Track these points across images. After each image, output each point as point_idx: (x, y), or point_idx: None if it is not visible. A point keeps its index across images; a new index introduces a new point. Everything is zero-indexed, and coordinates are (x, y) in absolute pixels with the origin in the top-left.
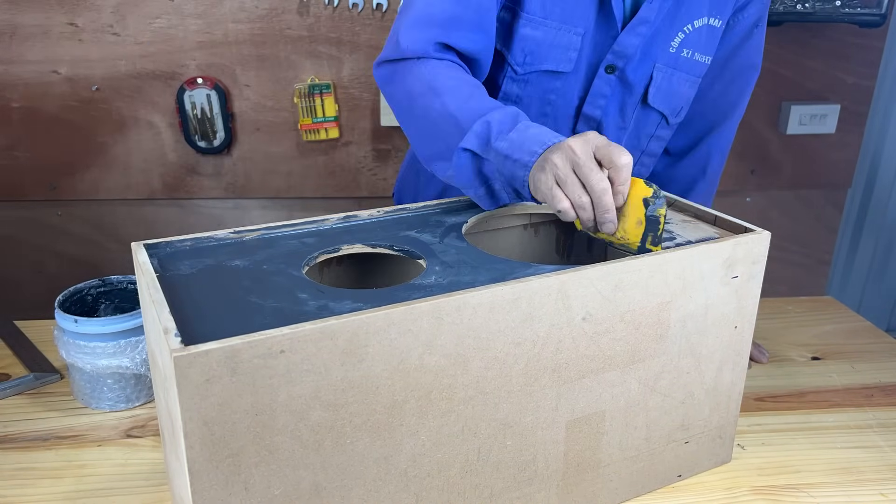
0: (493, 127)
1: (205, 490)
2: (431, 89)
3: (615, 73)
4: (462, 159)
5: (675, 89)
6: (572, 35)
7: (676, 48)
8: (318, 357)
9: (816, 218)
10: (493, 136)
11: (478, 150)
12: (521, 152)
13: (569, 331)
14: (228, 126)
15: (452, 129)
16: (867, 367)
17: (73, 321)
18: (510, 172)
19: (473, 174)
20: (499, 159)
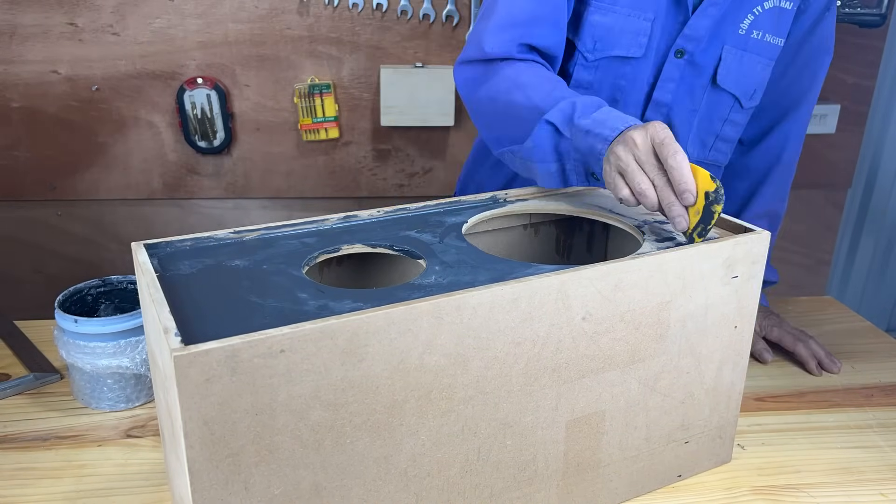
0: (578, 107)
1: (205, 489)
2: (517, 86)
3: (684, 56)
4: (543, 131)
5: (746, 71)
6: (642, 21)
7: (746, 30)
8: (318, 357)
9: (816, 218)
10: (576, 115)
11: (560, 124)
12: (603, 128)
13: (569, 330)
14: (228, 126)
15: (536, 116)
16: (867, 367)
17: (73, 321)
18: (588, 147)
19: (550, 148)
20: (579, 135)
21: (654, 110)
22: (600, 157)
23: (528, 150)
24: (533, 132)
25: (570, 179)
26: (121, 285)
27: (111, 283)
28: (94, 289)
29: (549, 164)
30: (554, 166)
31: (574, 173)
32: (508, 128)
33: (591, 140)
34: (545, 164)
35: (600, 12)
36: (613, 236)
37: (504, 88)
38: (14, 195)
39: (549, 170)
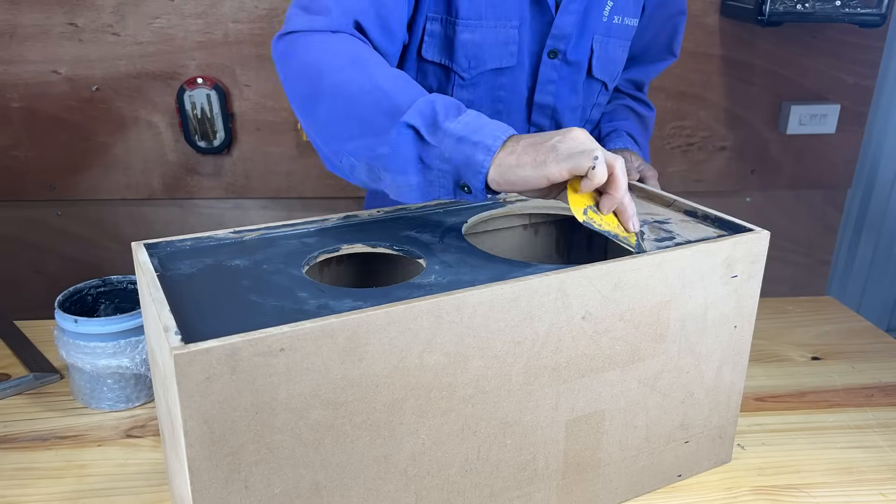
0: (439, 108)
1: (205, 488)
2: (354, 62)
3: (558, 56)
4: (403, 137)
5: (612, 56)
6: (509, 29)
7: (608, 16)
8: (318, 355)
9: (816, 218)
10: (440, 117)
11: (423, 129)
12: (482, 135)
13: (568, 330)
14: (228, 126)
15: (382, 104)
16: (867, 367)
17: (73, 321)
18: (465, 157)
19: (412, 157)
20: (450, 142)
21: (539, 113)
22: (481, 169)
23: (382, 157)
24: (390, 137)
25: (433, 193)
26: (121, 285)
27: (111, 283)
28: (94, 289)
29: (408, 175)
30: (415, 179)
31: (438, 184)
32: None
33: (466, 149)
34: (404, 175)
35: (468, 30)
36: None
37: (337, 65)
38: (14, 195)
39: (408, 182)
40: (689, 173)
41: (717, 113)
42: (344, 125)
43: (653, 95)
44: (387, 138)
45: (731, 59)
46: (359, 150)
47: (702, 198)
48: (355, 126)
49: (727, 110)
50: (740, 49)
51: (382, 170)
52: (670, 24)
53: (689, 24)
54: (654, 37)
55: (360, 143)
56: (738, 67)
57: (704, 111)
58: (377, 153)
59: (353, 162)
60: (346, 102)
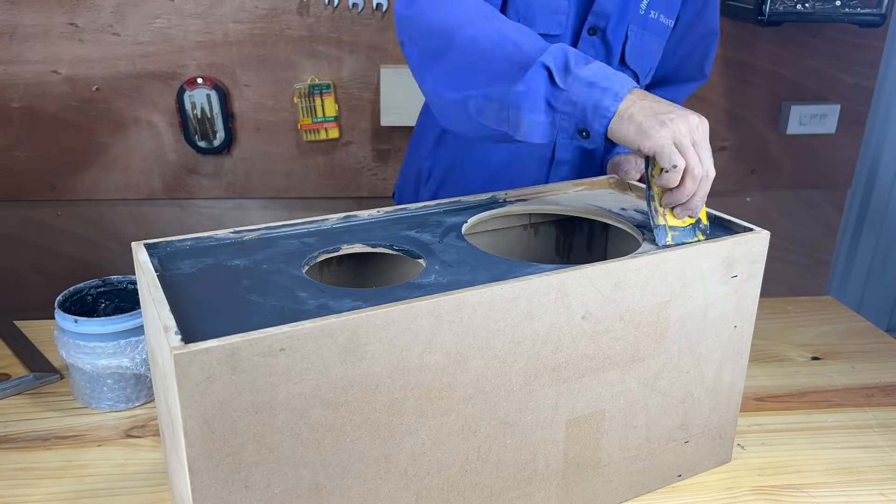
0: (570, 55)
1: (205, 488)
2: (483, 17)
3: (597, 34)
4: (538, 76)
5: (646, 49)
6: None
7: (645, 9)
8: (318, 355)
9: (816, 218)
10: (571, 63)
11: (556, 72)
12: (611, 82)
13: (568, 330)
14: (228, 126)
15: (513, 55)
16: (867, 367)
17: (73, 321)
18: (594, 101)
19: (541, 97)
20: (579, 86)
21: None
22: (607, 113)
23: (516, 95)
24: (526, 76)
25: (553, 134)
26: (121, 285)
27: (111, 283)
28: (94, 289)
29: (538, 114)
30: (543, 117)
31: (560, 129)
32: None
33: (595, 94)
34: (535, 114)
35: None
36: (613, 236)
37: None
38: (14, 195)
39: (537, 121)
40: None
41: (717, 113)
42: (476, 74)
43: None
44: (523, 77)
45: (731, 59)
46: (492, 92)
47: None
48: (488, 74)
49: (727, 110)
50: (740, 49)
51: (514, 107)
52: (703, 45)
53: None
54: (685, 56)
55: (493, 87)
56: (738, 67)
57: (704, 111)
58: (512, 90)
59: (481, 104)
60: (480, 53)
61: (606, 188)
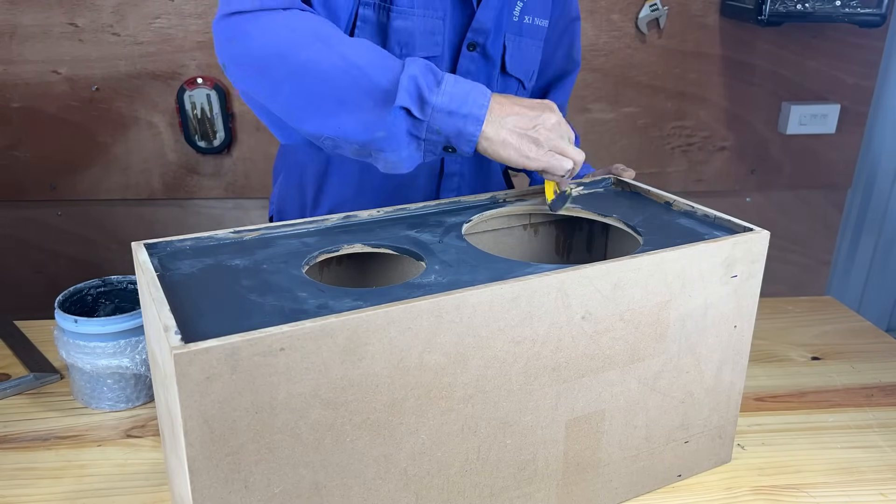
0: (421, 82)
1: (205, 488)
2: (319, 39)
3: (477, 49)
4: (397, 118)
5: (525, 55)
6: (436, 20)
7: (518, 16)
8: (318, 355)
9: (816, 218)
10: (425, 93)
11: (414, 109)
12: (469, 106)
13: (568, 330)
14: (228, 126)
15: (360, 83)
16: (867, 367)
17: (73, 321)
18: (457, 129)
19: (404, 133)
20: (439, 116)
21: None
22: (472, 139)
23: (378, 140)
24: (385, 122)
25: (418, 159)
26: (121, 285)
27: (111, 283)
28: (94, 289)
29: (401, 150)
30: (405, 152)
31: (427, 153)
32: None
33: (457, 122)
34: (397, 152)
35: (402, 17)
36: (613, 236)
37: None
38: (14, 195)
39: (401, 157)
40: (689, 173)
41: (717, 113)
42: (320, 105)
43: (653, 95)
44: (381, 123)
45: (731, 59)
46: (348, 132)
47: (702, 198)
48: (335, 106)
49: (727, 110)
50: (740, 49)
51: (376, 151)
52: (568, 33)
53: (689, 24)
54: (555, 49)
55: (344, 124)
56: (738, 67)
57: (704, 111)
58: (373, 136)
59: (338, 143)
60: (319, 82)
61: (606, 188)
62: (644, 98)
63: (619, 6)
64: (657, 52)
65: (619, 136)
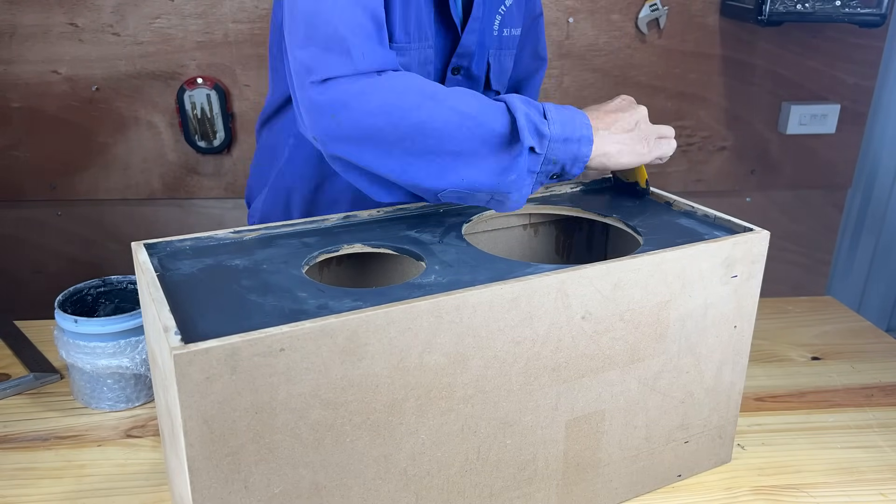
0: (533, 117)
1: (205, 488)
2: (427, 97)
3: (461, 72)
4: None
5: (504, 67)
6: (427, 49)
7: (497, 30)
8: (318, 355)
9: (816, 218)
10: (540, 126)
11: (537, 144)
12: (579, 129)
13: (568, 330)
14: (228, 126)
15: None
16: (867, 367)
17: (73, 321)
18: (572, 154)
19: (526, 172)
20: (556, 146)
21: None
22: (585, 159)
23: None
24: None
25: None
26: (121, 285)
27: (111, 283)
28: (94, 289)
29: (524, 189)
30: (526, 190)
31: (537, 184)
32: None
33: (571, 148)
34: (522, 190)
35: (401, 53)
36: (613, 236)
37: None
38: (14, 195)
39: (524, 195)
40: (689, 173)
41: (717, 113)
42: (438, 162)
43: (653, 95)
44: (512, 166)
45: (731, 59)
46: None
47: (702, 198)
48: (452, 159)
49: (727, 110)
50: (740, 49)
51: (506, 193)
52: (533, 30)
53: (689, 24)
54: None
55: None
56: (738, 67)
57: (704, 111)
58: (504, 180)
59: (460, 195)
60: (436, 139)
61: (606, 188)
62: (644, 98)
63: (619, 6)
64: (657, 52)
65: None
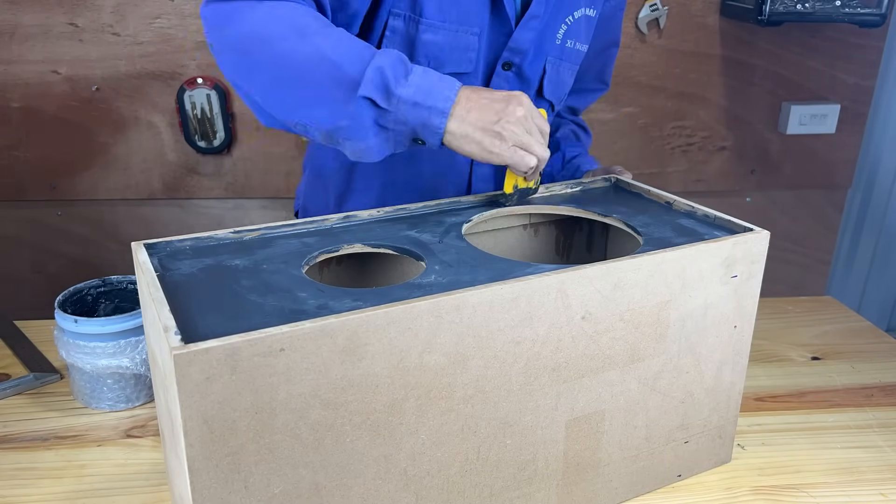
0: (388, 73)
1: (205, 488)
2: (296, 31)
3: (512, 69)
4: (362, 108)
5: (562, 79)
6: (469, 36)
7: (561, 39)
8: (318, 355)
9: (816, 218)
10: (391, 84)
11: (379, 99)
12: (434, 98)
13: (568, 330)
14: (228, 126)
15: (332, 74)
16: (867, 367)
17: (73, 321)
18: (420, 120)
19: (370, 123)
20: (405, 107)
21: None
22: (437, 130)
23: (343, 129)
24: (349, 111)
25: (389, 150)
26: (121, 285)
27: (111, 283)
28: (94, 289)
29: (368, 139)
30: (373, 141)
31: (395, 143)
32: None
33: (421, 113)
34: (363, 140)
35: (431, 30)
36: (613, 236)
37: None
38: (14, 195)
39: (367, 146)
40: (689, 173)
41: (717, 113)
42: (293, 94)
43: (653, 95)
44: (345, 111)
45: (731, 59)
46: (316, 119)
47: (702, 198)
48: (306, 95)
49: (727, 110)
50: (740, 49)
51: (343, 139)
52: (604, 55)
53: (689, 24)
54: (587, 66)
55: (315, 112)
56: (738, 67)
57: (704, 111)
58: (338, 125)
59: (305, 128)
60: (294, 72)
61: (606, 188)
62: (644, 98)
63: None
64: (657, 52)
65: (619, 136)
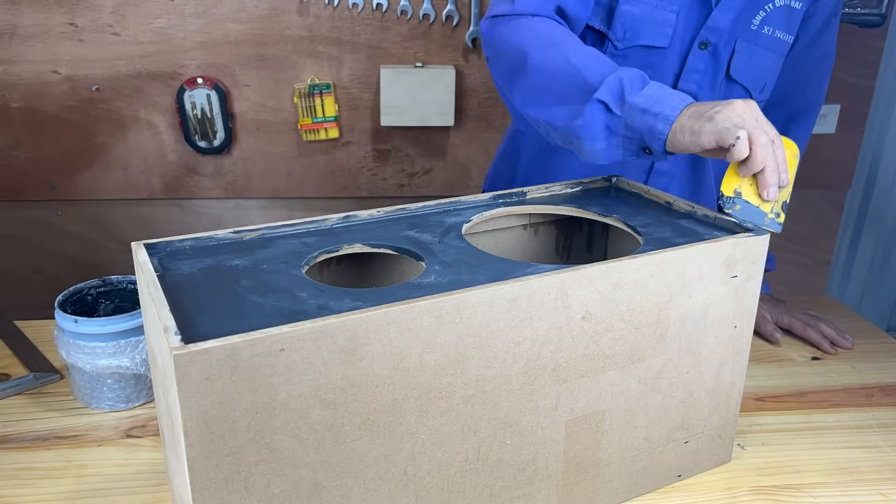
0: (626, 83)
1: (204, 489)
2: (552, 43)
3: (708, 48)
4: (595, 110)
5: (757, 64)
6: (668, 13)
7: (758, 25)
8: (318, 355)
9: (816, 218)
10: (626, 92)
11: (612, 103)
12: (662, 106)
13: (568, 330)
14: (228, 126)
15: (576, 80)
16: (867, 367)
17: (73, 321)
18: (647, 126)
19: (601, 126)
20: (633, 113)
21: None
22: (661, 136)
23: (577, 127)
24: (584, 112)
25: (618, 155)
26: (121, 285)
27: (111, 283)
28: (94, 289)
29: (597, 141)
30: (603, 143)
31: (623, 149)
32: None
33: (648, 119)
34: (593, 141)
35: (630, 3)
36: (613, 236)
37: (537, 45)
38: (14, 195)
39: (598, 147)
40: None
41: None
42: (543, 96)
43: None
44: (581, 111)
45: None
46: (555, 118)
47: None
48: (552, 98)
49: None
50: None
51: (575, 137)
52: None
53: None
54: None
55: (556, 111)
56: None
57: None
58: (573, 123)
59: (549, 127)
60: (546, 78)
61: (606, 188)
62: None
63: None
64: None
65: None
